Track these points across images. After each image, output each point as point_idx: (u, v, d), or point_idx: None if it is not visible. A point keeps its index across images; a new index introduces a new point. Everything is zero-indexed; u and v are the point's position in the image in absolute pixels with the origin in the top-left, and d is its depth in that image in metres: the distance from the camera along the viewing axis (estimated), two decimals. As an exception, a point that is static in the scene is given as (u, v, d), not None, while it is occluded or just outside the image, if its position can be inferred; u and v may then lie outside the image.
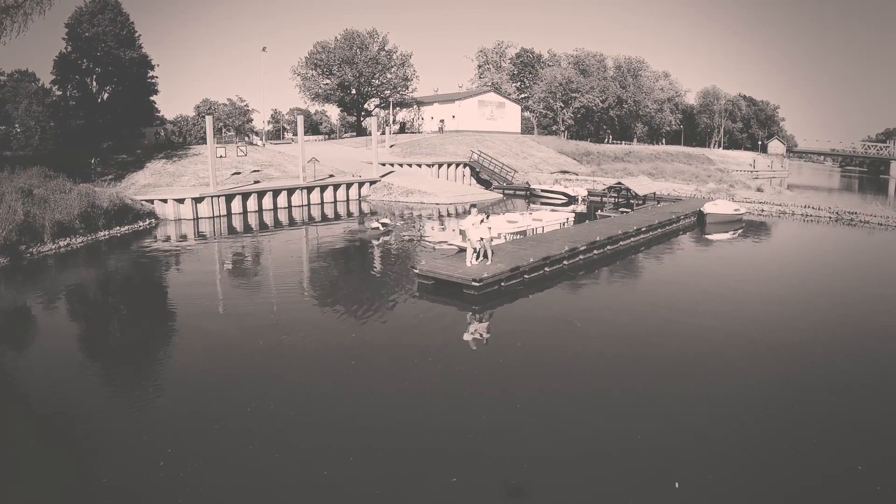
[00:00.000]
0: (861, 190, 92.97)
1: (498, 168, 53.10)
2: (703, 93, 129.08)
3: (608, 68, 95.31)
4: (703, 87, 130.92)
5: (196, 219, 36.11)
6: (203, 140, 56.21)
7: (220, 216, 36.85)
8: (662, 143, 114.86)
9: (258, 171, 44.86)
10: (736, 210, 36.24)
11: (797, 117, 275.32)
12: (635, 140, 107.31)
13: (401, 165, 51.68)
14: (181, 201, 36.17)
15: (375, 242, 28.36)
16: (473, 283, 16.36)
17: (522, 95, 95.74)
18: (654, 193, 37.24)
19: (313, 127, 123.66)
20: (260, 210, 38.79)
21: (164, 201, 36.21)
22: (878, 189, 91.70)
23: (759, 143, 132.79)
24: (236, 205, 37.80)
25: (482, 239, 17.82)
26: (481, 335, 14.53)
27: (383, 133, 63.85)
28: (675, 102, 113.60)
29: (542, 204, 44.21)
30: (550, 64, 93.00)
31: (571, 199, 43.65)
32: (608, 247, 23.62)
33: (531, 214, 26.52)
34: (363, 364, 12.17)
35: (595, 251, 22.67)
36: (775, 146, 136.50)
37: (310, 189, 40.94)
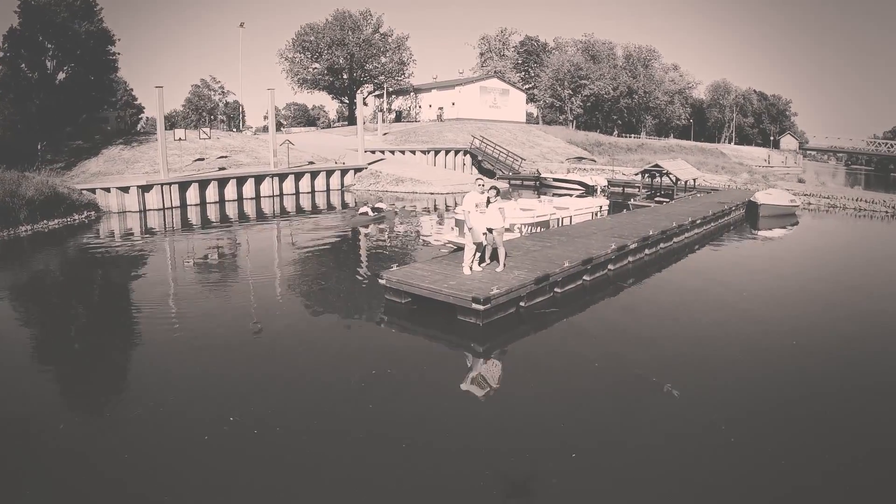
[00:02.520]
0: (882, 187, 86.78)
1: (503, 155, 46.11)
2: (713, 86, 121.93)
3: (617, 57, 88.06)
4: (713, 81, 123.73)
5: (143, 211, 29.23)
6: (191, 125, 49.62)
7: (172, 208, 30.00)
8: (671, 138, 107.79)
9: (226, 156, 37.93)
10: (792, 201, 29.29)
11: (805, 113, 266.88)
12: (645, 134, 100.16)
13: (392, 153, 44.71)
14: (125, 190, 29.26)
15: (364, 231, 22.11)
16: (475, 305, 9.45)
17: (527, 86, 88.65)
18: (695, 181, 30.30)
19: (311, 122, 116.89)
20: (221, 201, 31.89)
21: (107, 190, 29.34)
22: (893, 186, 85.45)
23: (771, 138, 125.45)
24: (192, 194, 30.91)
25: (491, 230, 10.93)
26: (489, 423, 7.24)
27: (376, 121, 57.03)
28: (685, 96, 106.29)
29: (555, 195, 37.29)
30: (557, 52, 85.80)
31: (589, 190, 36.68)
32: (661, 244, 16.70)
33: (552, 202, 19.61)
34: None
35: (647, 250, 15.75)
36: (788, 142, 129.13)
37: (282, 177, 34.03)
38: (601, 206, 19.29)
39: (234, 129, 67.01)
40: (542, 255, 12.77)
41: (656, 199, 26.79)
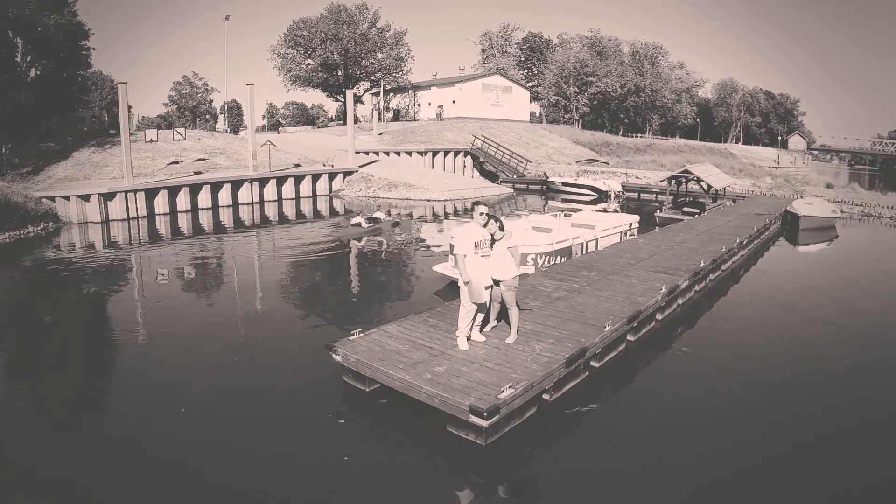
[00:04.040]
0: (891, 187, 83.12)
1: (506, 157, 42.31)
2: (720, 85, 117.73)
3: (624, 54, 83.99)
4: (719, 79, 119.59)
5: (105, 221, 25.60)
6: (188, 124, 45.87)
7: (138, 217, 26.36)
8: (677, 137, 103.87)
9: (203, 159, 34.22)
10: (833, 212, 25.52)
11: (811, 112, 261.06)
12: (651, 134, 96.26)
13: (387, 154, 40.94)
14: (86, 198, 25.60)
15: (358, 245, 19.15)
16: (475, 419, 5.70)
17: (530, 84, 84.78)
18: (725, 189, 26.57)
19: (310, 121, 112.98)
20: (194, 209, 28.21)
21: (66, 199, 25.71)
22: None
23: (779, 138, 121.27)
24: (161, 203, 27.23)
25: (498, 283, 7.22)
26: None
27: (372, 120, 53.26)
28: (692, 94, 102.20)
29: (564, 201, 33.55)
30: (561, 48, 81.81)
31: (602, 196, 32.91)
32: (711, 275, 12.95)
33: (571, 218, 15.85)
34: None
35: (697, 286, 12.00)
36: (796, 142, 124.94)
37: (262, 182, 30.29)
38: (630, 224, 15.52)
39: (227, 130, 63.31)
40: (568, 305, 9.03)
41: (684, 208, 23.03)
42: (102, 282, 15.92)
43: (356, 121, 68.04)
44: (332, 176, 33.21)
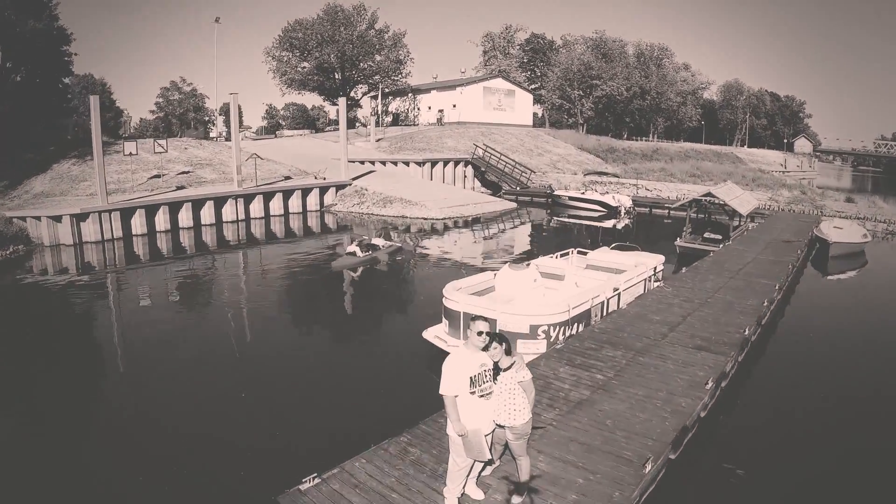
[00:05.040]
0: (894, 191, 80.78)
1: (509, 167, 40.13)
2: (725, 87, 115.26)
3: (629, 55, 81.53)
4: (725, 81, 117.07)
5: (79, 244, 23.60)
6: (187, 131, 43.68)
7: (114, 239, 24.29)
8: (682, 141, 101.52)
9: (188, 172, 32.12)
10: (864, 236, 23.34)
11: (816, 114, 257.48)
12: (656, 137, 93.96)
13: (384, 164, 38.77)
14: (58, 219, 23.54)
15: (351, 276, 17.70)
16: None
17: (533, 86, 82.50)
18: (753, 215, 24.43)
19: (310, 122, 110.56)
20: (174, 229, 26.12)
21: (38, 219, 23.72)
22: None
23: (785, 141, 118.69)
24: (138, 223, 25.15)
25: (504, 427, 5.10)
26: None
27: (369, 125, 51.06)
28: (697, 96, 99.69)
29: (571, 217, 31.41)
30: (565, 50, 79.42)
31: (612, 212, 30.77)
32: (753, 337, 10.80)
33: (587, 257, 13.74)
34: None
35: (740, 357, 9.86)
36: (802, 145, 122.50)
37: (248, 198, 28.18)
38: (655, 268, 13.36)
39: (224, 133, 60.93)
40: (593, 419, 6.89)
41: (705, 233, 20.87)
42: (64, 317, 14.73)
43: (354, 125, 65.89)
44: (323, 190, 31.08)
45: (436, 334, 10.10)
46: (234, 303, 15.80)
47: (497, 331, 9.38)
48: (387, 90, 61.58)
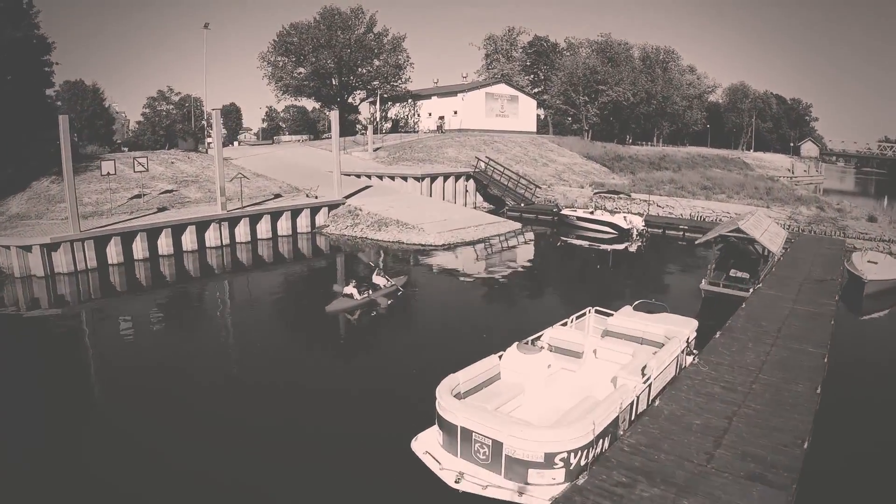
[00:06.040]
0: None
1: (512, 182, 38.13)
2: (730, 89, 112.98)
3: (634, 59, 79.27)
4: (730, 84, 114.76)
5: (50, 276, 21.73)
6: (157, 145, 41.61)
7: (88, 270, 22.37)
8: (687, 145, 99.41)
9: (172, 190, 30.15)
10: (901, 269, 21.29)
11: (822, 116, 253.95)
12: (660, 141, 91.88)
13: (380, 178, 36.79)
14: (27, 249, 21.61)
15: (349, 318, 16.41)
16: None
17: (536, 90, 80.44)
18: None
19: (310, 125, 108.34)
20: (153, 257, 24.14)
21: (7, 248, 21.85)
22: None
23: (791, 144, 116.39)
24: (114, 251, 23.17)
25: None
26: None
27: (366, 132, 49.05)
28: (703, 100, 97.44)
29: (579, 237, 29.43)
30: (569, 53, 77.23)
31: (623, 234, 28.79)
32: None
33: (608, 321, 11.79)
34: None
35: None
36: (808, 148, 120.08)
37: (233, 221, 26.22)
38: (689, 339, 11.37)
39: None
40: None
41: (731, 271, 18.84)
42: (32, 355, 14.44)
43: (354, 129, 63.78)
44: (314, 210, 29.10)
45: (427, 449, 8.13)
46: (210, 352, 14.33)
47: (504, 455, 7.47)
48: (385, 95, 59.54)
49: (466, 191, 38.62)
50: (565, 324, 11.90)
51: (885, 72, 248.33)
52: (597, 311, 12.69)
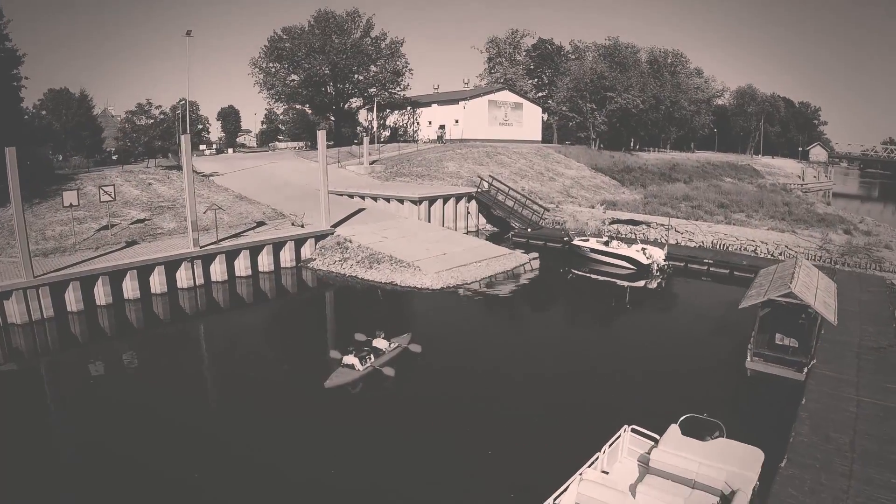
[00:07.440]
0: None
1: (518, 204, 35.28)
2: (738, 92, 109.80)
3: (642, 63, 76.16)
4: (737, 87, 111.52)
5: (2, 326, 19.07)
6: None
7: (45, 320, 19.66)
8: (693, 149, 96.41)
9: (144, 220, 27.37)
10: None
11: (829, 119, 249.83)
12: (668, 147, 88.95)
13: (375, 199, 33.97)
14: (-26, 296, 18.93)
15: (350, 391, 14.27)
16: None
17: (540, 94, 77.47)
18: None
19: (309, 128, 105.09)
20: (118, 302, 21.35)
21: (-50, 295, 19.15)
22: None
23: (800, 148, 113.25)
24: (73, 298, 20.43)
25: None
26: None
27: (361, 142, 46.21)
28: (710, 104, 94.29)
29: (592, 271, 26.66)
30: (574, 56, 74.15)
31: (643, 270, 25.99)
32: None
33: (650, 458, 9.05)
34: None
35: None
36: (817, 153, 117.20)
37: (207, 259, 23.43)
38: (755, 487, 8.63)
39: (219, 143, 55.80)
40: None
41: (776, 339, 16.01)
42: None
43: (353, 135, 60.84)
44: (300, 242, 26.33)
45: None
46: (181, 428, 12.08)
47: None
48: (383, 103, 56.60)
49: (468, 213, 35.80)
50: (596, 458, 9.14)
51: (886, 72, 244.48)
52: (633, 431, 9.95)
